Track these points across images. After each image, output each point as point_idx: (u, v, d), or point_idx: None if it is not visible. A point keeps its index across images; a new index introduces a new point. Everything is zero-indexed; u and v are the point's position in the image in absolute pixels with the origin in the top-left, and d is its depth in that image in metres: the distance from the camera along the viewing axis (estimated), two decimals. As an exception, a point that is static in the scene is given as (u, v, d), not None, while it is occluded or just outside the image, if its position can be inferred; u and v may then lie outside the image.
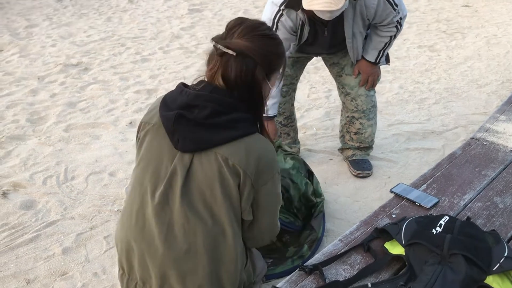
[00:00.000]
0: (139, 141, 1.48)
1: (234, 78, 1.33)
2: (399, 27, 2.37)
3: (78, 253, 2.15)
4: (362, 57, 2.51)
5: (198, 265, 1.37)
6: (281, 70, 1.47)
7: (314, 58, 2.82)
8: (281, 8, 2.22)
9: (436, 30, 5.91)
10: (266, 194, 1.41)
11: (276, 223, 1.51)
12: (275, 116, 2.58)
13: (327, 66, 2.72)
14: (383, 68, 4.54)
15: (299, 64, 2.69)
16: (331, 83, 4.21)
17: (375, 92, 2.69)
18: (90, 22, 6.12)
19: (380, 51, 2.46)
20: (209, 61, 1.40)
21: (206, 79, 1.41)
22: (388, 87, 4.17)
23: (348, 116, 2.73)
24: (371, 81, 2.57)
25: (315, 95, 3.99)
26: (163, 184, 1.37)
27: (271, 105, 2.48)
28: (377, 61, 2.49)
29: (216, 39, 1.36)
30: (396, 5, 2.26)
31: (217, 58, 1.35)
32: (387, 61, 2.60)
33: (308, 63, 2.79)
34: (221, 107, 1.33)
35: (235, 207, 1.37)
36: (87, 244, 2.22)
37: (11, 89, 4.00)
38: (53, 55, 4.89)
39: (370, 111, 2.68)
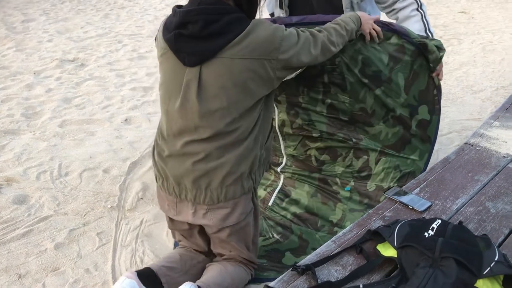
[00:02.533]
0: (159, 61, 1.63)
1: None
2: (419, 2, 2.19)
3: (71, 249, 2.15)
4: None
5: (223, 151, 1.55)
6: None
7: None
8: None
9: (433, 35, 5.94)
10: (285, 53, 1.52)
11: (309, 51, 1.60)
12: None
13: None
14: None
15: None
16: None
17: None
18: (88, 18, 6.10)
19: (425, 33, 2.19)
20: None
21: None
22: (384, 90, 4.18)
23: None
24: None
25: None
26: (179, 98, 1.54)
27: None
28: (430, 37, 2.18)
29: None
30: None
31: None
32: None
33: None
34: (211, 16, 1.46)
35: (259, 90, 1.53)
36: (79, 240, 2.21)
37: (6, 83, 3.98)
38: (50, 50, 4.88)
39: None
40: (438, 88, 2.13)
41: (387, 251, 1.43)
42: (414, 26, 2.17)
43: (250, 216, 1.75)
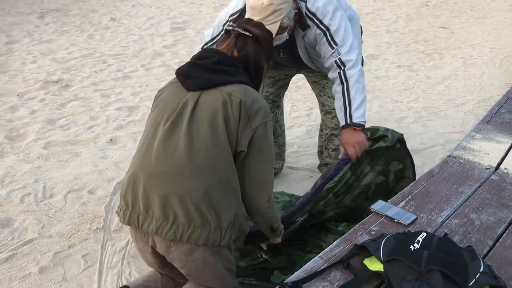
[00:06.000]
0: (154, 103, 1.70)
1: (247, 54, 1.67)
2: (342, 76, 2.16)
3: (55, 272, 2.11)
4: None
5: (199, 184, 1.51)
6: (268, 64, 1.78)
7: (295, 76, 2.86)
8: (229, 19, 2.26)
9: (415, 51, 6.05)
10: (258, 137, 1.58)
11: (263, 175, 1.64)
12: None
13: (309, 83, 2.77)
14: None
15: (281, 82, 2.72)
16: (312, 102, 4.26)
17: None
18: (72, 39, 6.10)
19: (344, 111, 2.16)
20: (220, 43, 1.73)
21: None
22: (368, 106, 4.23)
23: (327, 133, 2.76)
24: (358, 151, 2.14)
25: (296, 113, 4.03)
26: (174, 114, 1.58)
27: None
28: (348, 122, 2.15)
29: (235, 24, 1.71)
30: (336, 44, 2.15)
31: (232, 38, 1.68)
32: (362, 63, 2.30)
33: (290, 82, 2.82)
34: (226, 60, 1.61)
35: (232, 136, 1.56)
36: (64, 263, 2.18)
37: (-11, 106, 3.94)
38: (33, 71, 4.86)
39: (350, 129, 2.71)
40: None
41: (374, 265, 1.43)
42: (337, 104, 2.22)
43: (223, 251, 1.64)
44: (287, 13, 2.04)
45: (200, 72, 1.60)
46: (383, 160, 2.26)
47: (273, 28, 2.00)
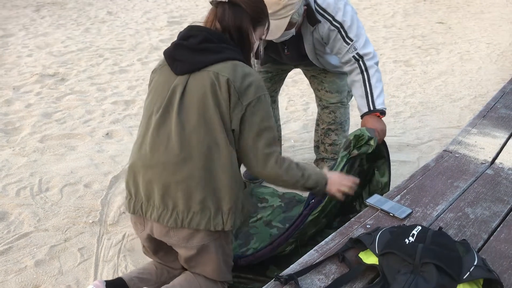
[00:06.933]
0: (149, 84, 1.69)
1: (227, 22, 1.58)
2: (362, 66, 2.21)
3: (51, 266, 2.11)
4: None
5: (194, 171, 1.52)
6: (265, 28, 1.71)
7: (292, 71, 2.86)
8: None
9: (412, 46, 6.05)
10: (251, 114, 1.55)
11: (262, 150, 1.59)
12: None
13: (307, 77, 2.77)
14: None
15: (278, 77, 2.72)
16: (309, 96, 4.26)
17: (349, 105, 2.74)
18: (68, 33, 6.07)
19: (367, 98, 2.22)
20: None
21: None
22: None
23: (323, 128, 2.76)
24: (381, 137, 2.19)
25: (293, 108, 4.03)
26: (164, 101, 1.57)
27: None
28: (371, 109, 2.22)
29: None
30: (350, 40, 2.18)
31: (212, 8, 1.61)
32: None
33: (286, 76, 2.82)
34: (211, 36, 1.56)
35: (225, 117, 1.53)
36: (60, 257, 2.18)
37: (-15, 99, 3.93)
38: (29, 65, 4.84)
39: (346, 122, 2.72)
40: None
41: (369, 258, 1.44)
42: (357, 92, 2.26)
43: (221, 240, 1.66)
44: (297, 9, 2.04)
45: (187, 54, 1.56)
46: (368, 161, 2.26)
47: (283, 23, 2.00)
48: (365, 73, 2.22)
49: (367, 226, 1.67)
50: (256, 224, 2.25)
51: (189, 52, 1.56)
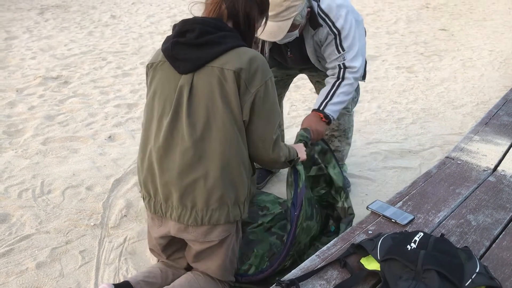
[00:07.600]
0: (149, 80, 1.68)
1: (238, 7, 1.56)
2: (341, 74, 2.25)
3: (53, 268, 2.11)
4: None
5: (210, 170, 1.55)
6: (263, 22, 1.72)
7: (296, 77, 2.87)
8: None
9: (414, 52, 6.06)
10: (260, 100, 1.56)
11: (271, 135, 1.64)
12: None
13: (312, 83, 2.77)
14: (362, 87, 4.63)
15: (282, 83, 2.73)
16: (311, 102, 4.26)
17: (354, 112, 2.74)
18: (71, 36, 6.10)
19: (324, 98, 2.27)
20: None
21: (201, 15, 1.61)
22: (367, 106, 4.24)
23: (326, 134, 2.76)
24: (314, 138, 2.24)
25: (295, 113, 4.04)
26: (173, 104, 1.56)
27: None
28: (320, 108, 2.26)
29: None
30: (343, 49, 2.21)
31: None
32: (364, 77, 2.48)
33: (291, 82, 2.83)
34: (208, 27, 1.53)
35: (235, 113, 1.55)
36: (62, 259, 2.18)
37: (-12, 101, 3.94)
38: (33, 67, 4.85)
39: (349, 130, 2.72)
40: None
41: (371, 264, 1.44)
42: (322, 90, 2.31)
43: (232, 236, 1.73)
44: (300, 11, 2.05)
45: (187, 52, 1.54)
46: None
47: (286, 25, 2.02)
48: (338, 81, 2.27)
49: (369, 232, 1.67)
50: (256, 230, 2.25)
51: (189, 49, 1.54)
